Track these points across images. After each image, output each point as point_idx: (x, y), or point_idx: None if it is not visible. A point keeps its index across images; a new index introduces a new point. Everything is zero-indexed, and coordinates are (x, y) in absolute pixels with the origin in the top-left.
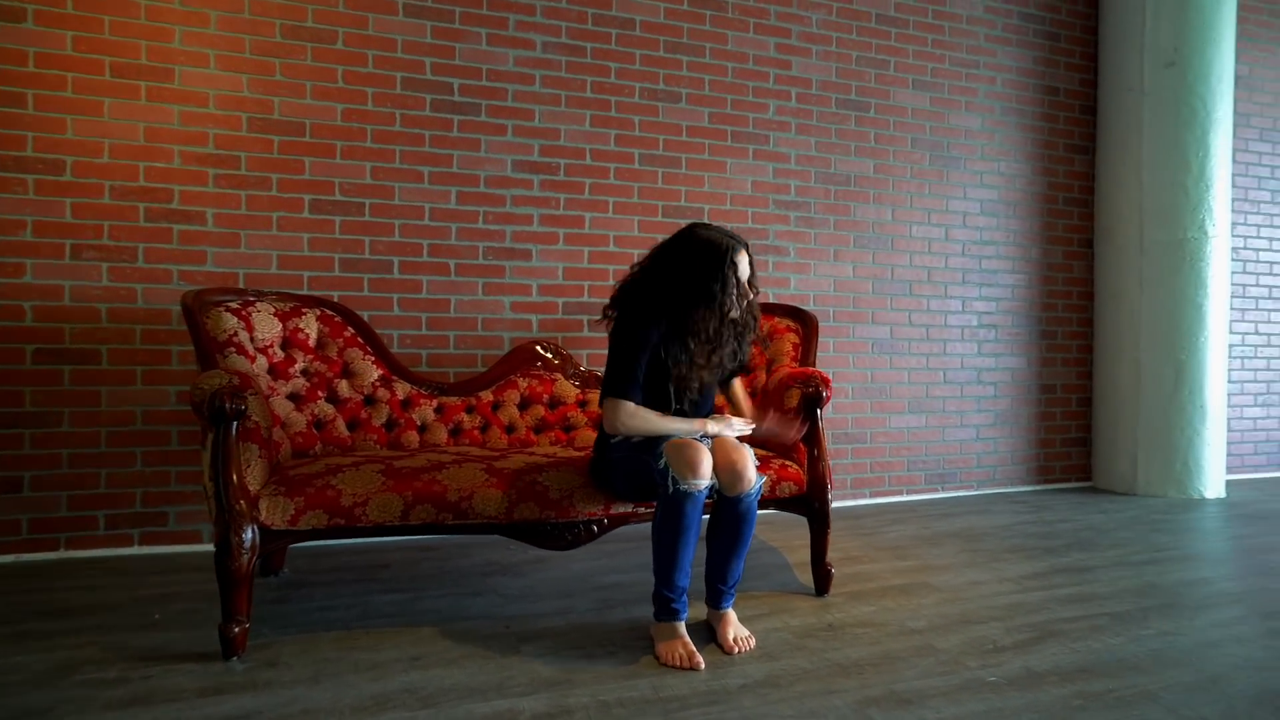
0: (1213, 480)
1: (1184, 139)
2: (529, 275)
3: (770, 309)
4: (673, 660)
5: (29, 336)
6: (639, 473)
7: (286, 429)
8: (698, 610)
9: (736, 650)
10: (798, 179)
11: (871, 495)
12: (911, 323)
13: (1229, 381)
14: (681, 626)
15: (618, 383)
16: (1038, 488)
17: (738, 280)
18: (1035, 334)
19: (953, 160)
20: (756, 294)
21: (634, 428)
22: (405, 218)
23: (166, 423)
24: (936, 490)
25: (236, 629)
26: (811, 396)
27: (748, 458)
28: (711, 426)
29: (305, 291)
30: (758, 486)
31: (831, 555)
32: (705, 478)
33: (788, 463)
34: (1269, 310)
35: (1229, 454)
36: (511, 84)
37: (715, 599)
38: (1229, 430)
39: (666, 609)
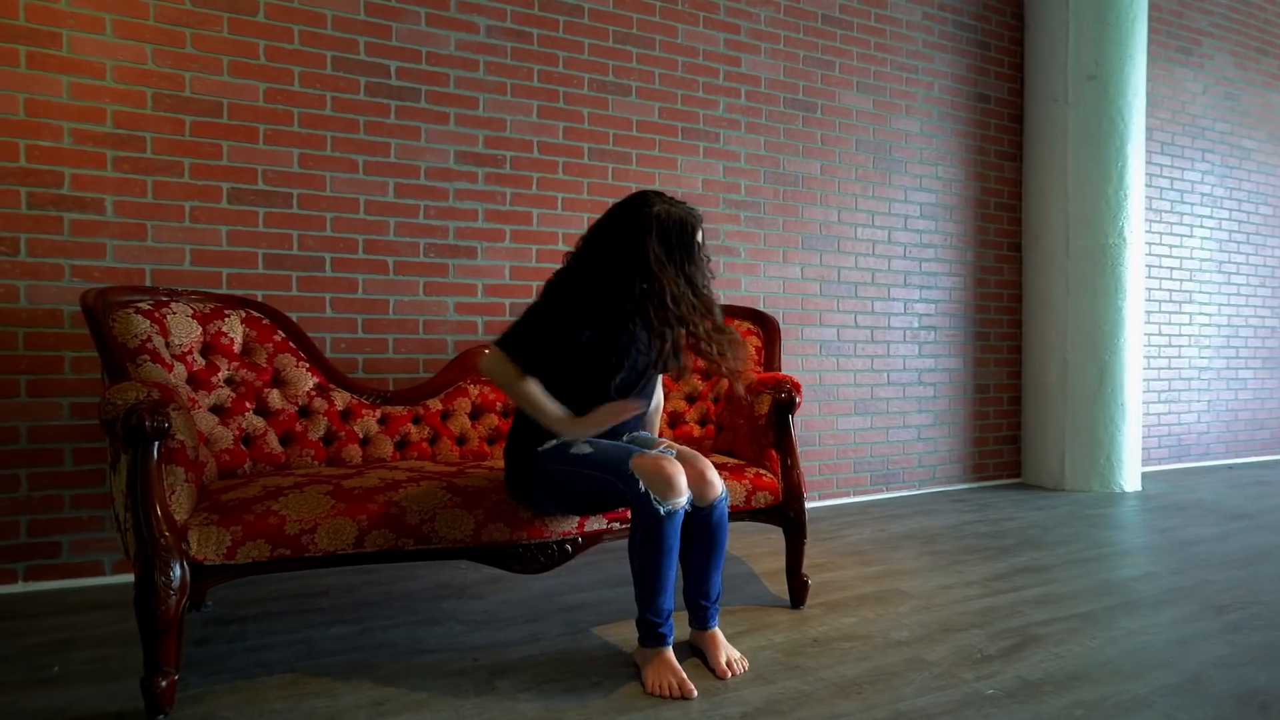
0: (1130, 474)
1: (1105, 149)
2: (474, 274)
3: (731, 311)
4: (663, 690)
5: None
6: (576, 487)
7: (211, 446)
8: (680, 629)
9: (730, 674)
10: (748, 178)
11: (821, 498)
12: (857, 324)
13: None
14: (669, 652)
15: (514, 341)
16: (973, 485)
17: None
18: (970, 335)
19: (895, 163)
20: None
21: (520, 396)
22: (338, 210)
23: (58, 439)
24: (882, 491)
25: (164, 682)
26: (784, 403)
27: (708, 464)
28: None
29: (226, 291)
30: (725, 492)
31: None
32: (685, 493)
33: (762, 471)
34: (1170, 312)
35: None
36: (454, 69)
37: (700, 618)
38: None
39: (653, 635)
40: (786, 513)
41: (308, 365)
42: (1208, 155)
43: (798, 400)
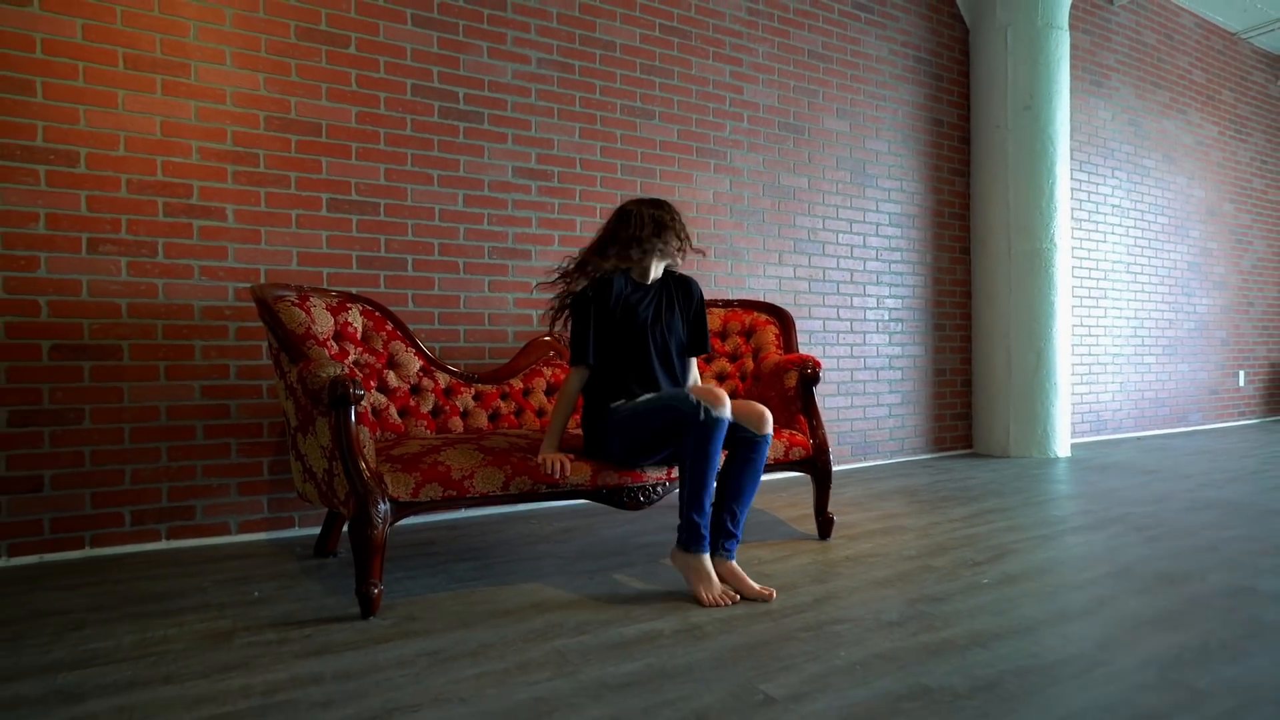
0: (1062, 443)
1: (1038, 168)
2: (529, 274)
3: (748, 304)
4: (719, 601)
5: (45, 332)
6: (638, 437)
7: None
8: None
9: (771, 595)
10: (749, 191)
11: None
12: (839, 317)
13: None
14: (708, 559)
15: (572, 351)
16: (934, 455)
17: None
18: (930, 327)
19: (868, 178)
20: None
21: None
22: (417, 218)
23: (191, 417)
24: (861, 460)
25: (375, 590)
26: (809, 377)
27: (766, 409)
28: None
29: (328, 287)
30: (771, 434)
31: (803, 512)
32: (728, 409)
33: (794, 432)
34: (1089, 307)
35: None
36: (510, 95)
37: (728, 545)
38: None
39: (696, 535)
40: (815, 463)
41: (414, 351)
42: (1116, 173)
43: (819, 375)
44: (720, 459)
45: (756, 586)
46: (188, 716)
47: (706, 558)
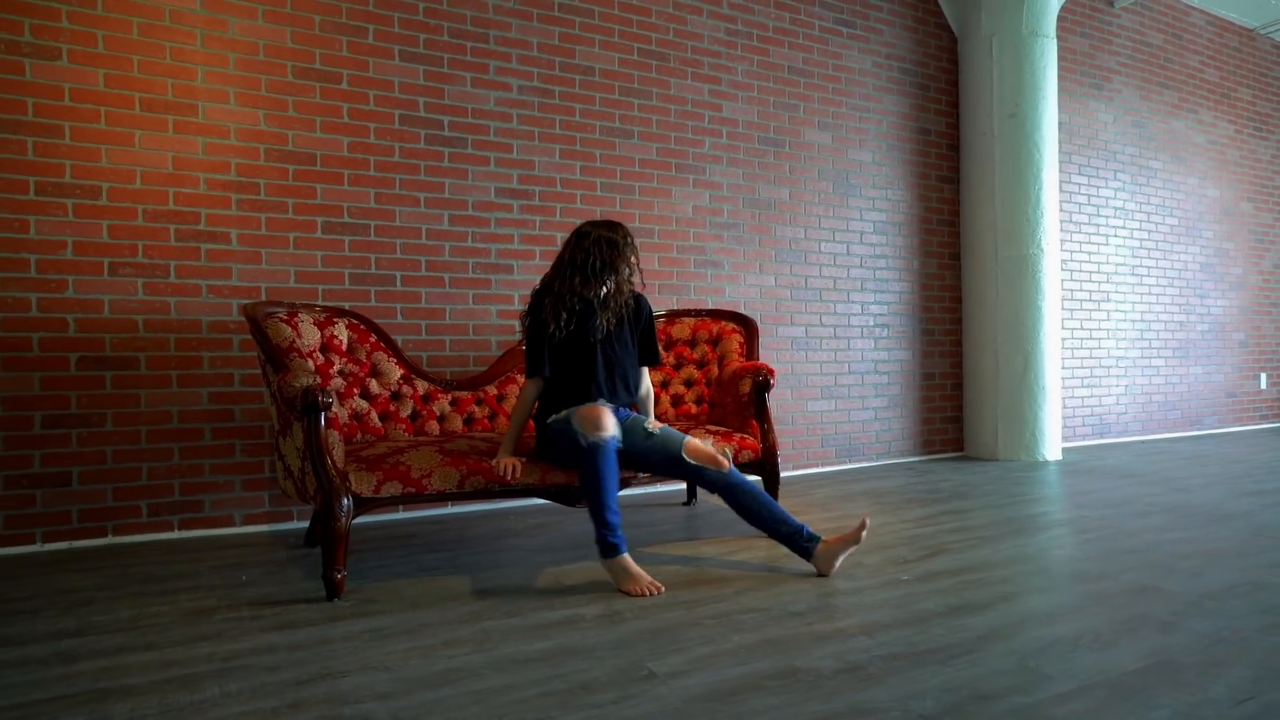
0: (1051, 446)
1: (1025, 175)
2: (512, 287)
3: (717, 314)
4: (642, 591)
5: (73, 346)
6: (561, 451)
7: None
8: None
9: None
10: (729, 204)
11: (794, 468)
12: (822, 323)
13: (1063, 368)
14: (627, 558)
15: (527, 364)
16: (923, 458)
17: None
18: (918, 331)
19: (851, 188)
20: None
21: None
22: (405, 237)
23: (200, 421)
24: (845, 463)
25: (339, 575)
26: (761, 384)
27: (713, 450)
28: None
29: (322, 303)
30: (732, 467)
31: None
32: (608, 431)
33: (745, 436)
34: (1090, 310)
35: (1064, 426)
36: (493, 121)
37: (801, 548)
38: (1064, 407)
39: (606, 546)
40: (765, 466)
41: (395, 360)
42: (1119, 175)
43: (772, 382)
44: (614, 473)
45: (836, 563)
46: (156, 675)
47: (623, 558)
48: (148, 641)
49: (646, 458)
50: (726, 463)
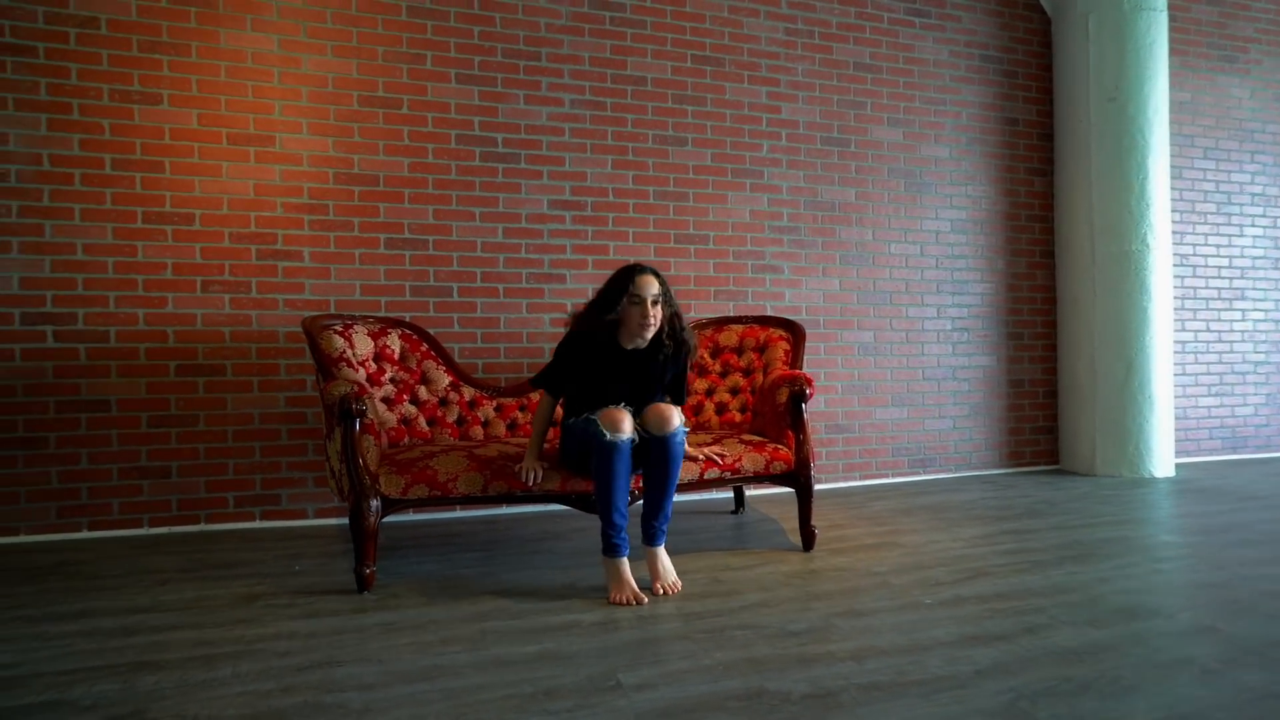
0: (1162, 461)
1: (1126, 164)
2: (564, 295)
3: (765, 320)
4: (623, 601)
5: (172, 355)
6: (576, 451)
7: (382, 426)
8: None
9: (662, 593)
10: (789, 207)
11: (861, 478)
12: (892, 328)
13: (1184, 375)
14: (625, 563)
15: (543, 376)
16: (1009, 470)
17: (633, 293)
18: (1003, 335)
19: (925, 185)
20: (671, 310)
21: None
22: (462, 250)
23: (278, 422)
24: (919, 473)
25: (367, 570)
26: (797, 394)
27: (674, 410)
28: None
29: (384, 314)
30: (681, 431)
31: (819, 523)
32: (626, 432)
33: (780, 446)
34: (1218, 310)
35: (1184, 439)
36: (545, 136)
37: (649, 535)
38: (1184, 418)
39: (609, 545)
40: (798, 477)
41: (444, 368)
42: (1258, 157)
43: (809, 392)
44: (627, 476)
45: (666, 581)
46: (188, 653)
47: (621, 562)
48: (196, 621)
49: None
50: (670, 426)
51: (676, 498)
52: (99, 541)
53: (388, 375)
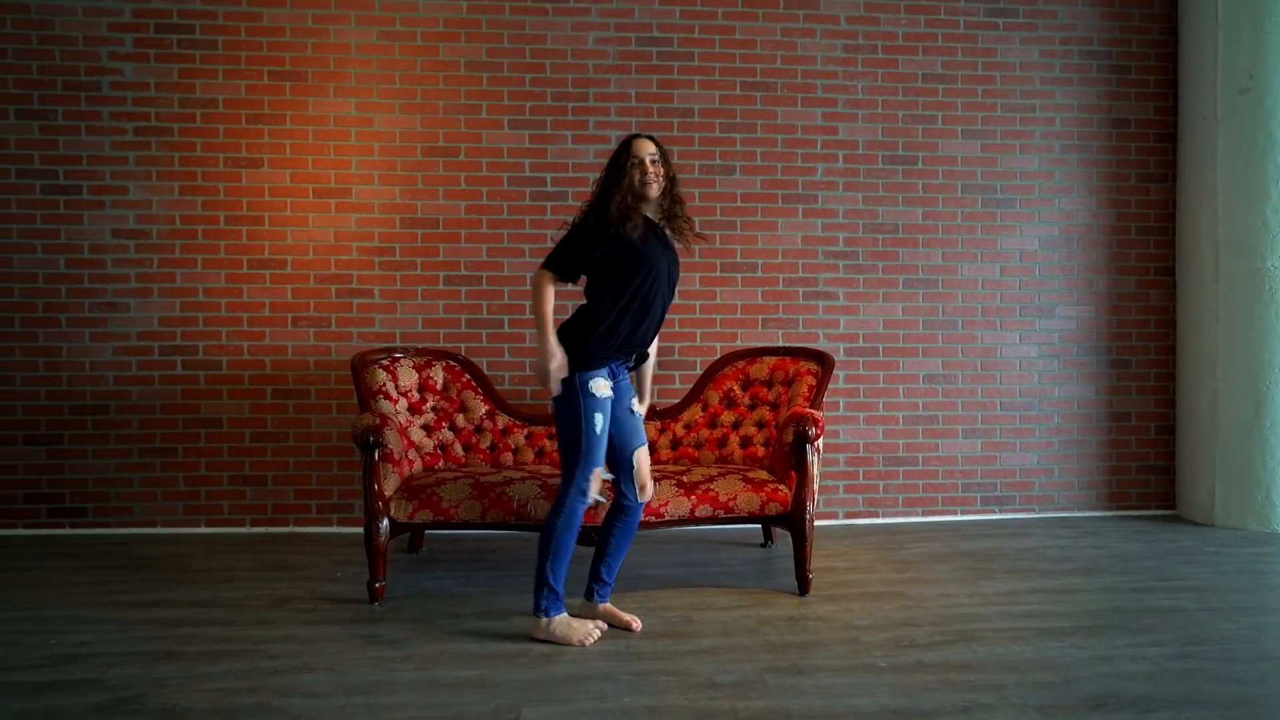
0: None
1: (1260, 167)
2: None
3: (796, 352)
4: (589, 641)
5: (268, 380)
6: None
7: (419, 450)
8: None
9: (637, 629)
10: (845, 231)
11: (923, 514)
12: (963, 355)
13: None
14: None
15: (552, 258)
16: (1108, 514)
17: (632, 156)
18: (1104, 363)
19: (1005, 201)
20: (669, 176)
21: (535, 295)
22: (512, 285)
23: (350, 440)
24: (993, 512)
25: (377, 584)
26: (801, 434)
27: (648, 475)
28: (553, 364)
29: (441, 345)
30: (644, 500)
31: (842, 565)
32: (592, 493)
33: (779, 487)
34: None
35: None
36: (592, 173)
37: (605, 592)
38: None
39: (560, 603)
40: (793, 519)
41: (482, 398)
42: None
43: (813, 432)
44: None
45: (627, 616)
46: (206, 648)
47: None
48: (229, 619)
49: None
50: (647, 495)
51: (701, 528)
52: (210, 537)
53: (429, 404)
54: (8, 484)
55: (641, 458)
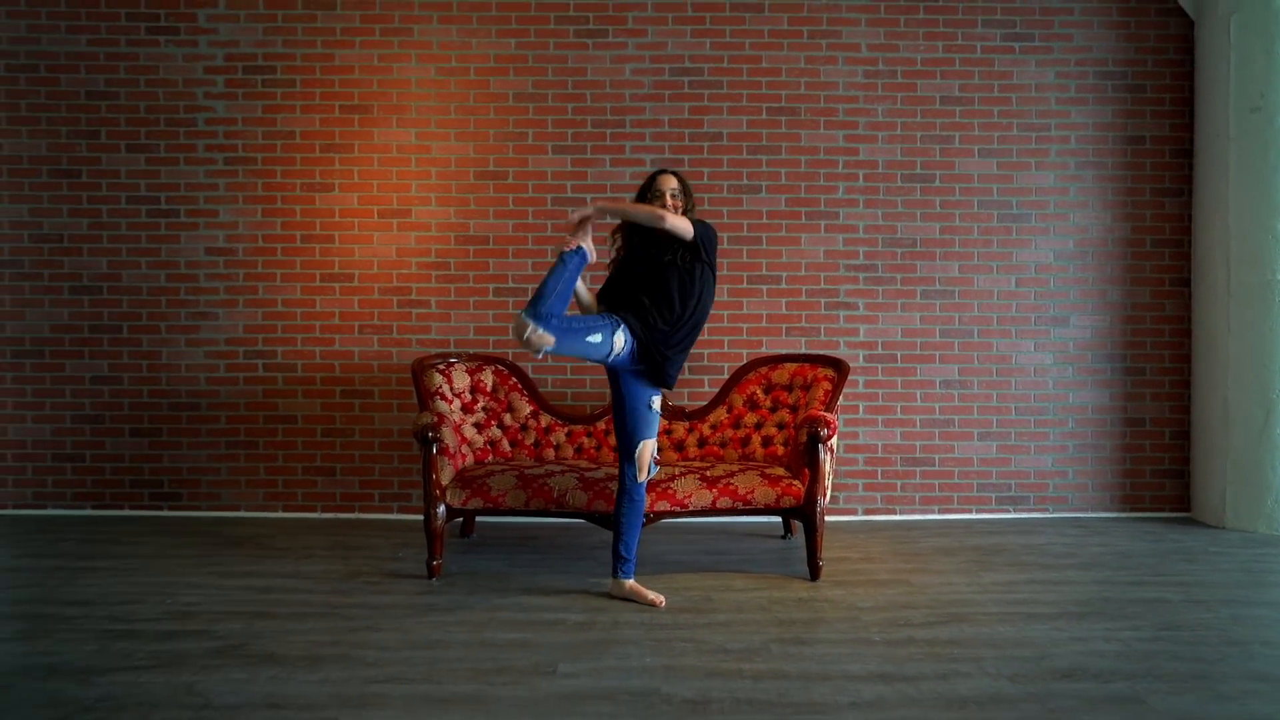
0: None
1: (1273, 183)
2: None
3: (814, 359)
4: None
5: (337, 382)
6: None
7: (471, 446)
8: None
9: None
10: (865, 245)
11: (940, 512)
12: (978, 363)
13: None
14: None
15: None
16: (1119, 515)
17: (655, 189)
18: (1119, 370)
19: (1021, 216)
20: (689, 207)
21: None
22: None
23: (410, 436)
24: (1006, 511)
25: (435, 562)
26: (814, 435)
27: (648, 461)
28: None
29: (490, 351)
30: (644, 478)
31: (854, 555)
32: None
33: (794, 482)
34: None
35: None
36: (628, 193)
37: (627, 568)
38: None
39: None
40: (805, 512)
41: (527, 399)
42: None
43: (824, 434)
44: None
45: (650, 595)
46: (293, 609)
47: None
48: (310, 588)
49: (623, 411)
50: (643, 478)
51: (724, 519)
52: (287, 521)
53: (480, 405)
54: (117, 470)
55: (645, 447)
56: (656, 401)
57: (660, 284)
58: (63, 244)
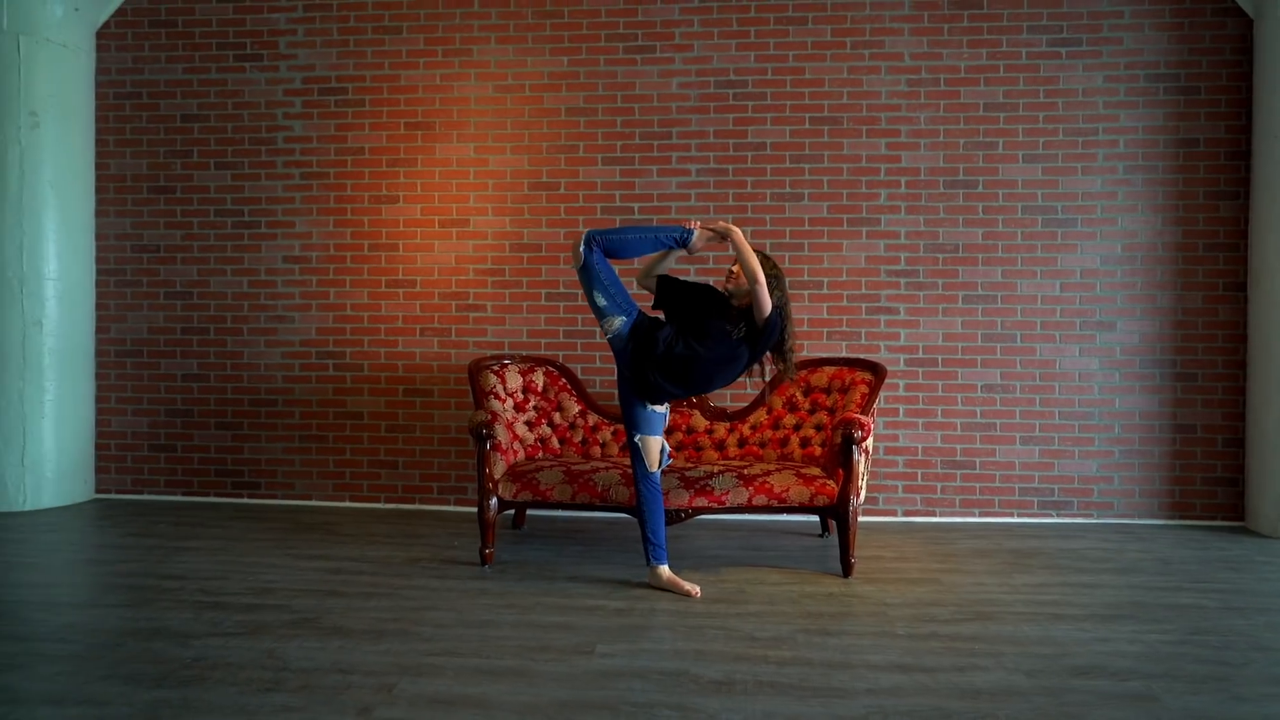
0: None
1: None
2: None
3: (853, 362)
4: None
5: (401, 381)
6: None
7: (522, 443)
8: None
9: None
10: (906, 251)
11: (980, 515)
12: (1021, 367)
13: None
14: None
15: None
16: (1169, 522)
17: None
18: (1168, 376)
19: (1066, 221)
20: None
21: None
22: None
23: (467, 433)
24: (1049, 516)
25: (487, 550)
26: (848, 437)
27: (656, 457)
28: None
29: (542, 353)
30: (657, 470)
31: (889, 554)
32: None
33: (828, 481)
34: None
35: None
36: (674, 202)
37: (658, 554)
38: None
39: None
40: (838, 510)
41: (576, 399)
42: None
43: (858, 436)
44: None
45: (686, 586)
46: (360, 589)
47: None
48: (375, 570)
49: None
50: (654, 467)
51: (764, 517)
52: (353, 510)
53: (531, 404)
54: (204, 461)
55: (648, 443)
56: (660, 406)
57: (702, 334)
58: (159, 254)
